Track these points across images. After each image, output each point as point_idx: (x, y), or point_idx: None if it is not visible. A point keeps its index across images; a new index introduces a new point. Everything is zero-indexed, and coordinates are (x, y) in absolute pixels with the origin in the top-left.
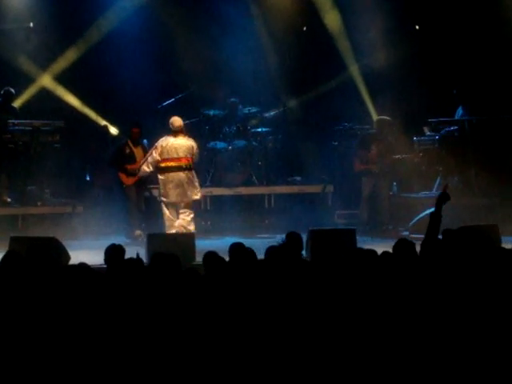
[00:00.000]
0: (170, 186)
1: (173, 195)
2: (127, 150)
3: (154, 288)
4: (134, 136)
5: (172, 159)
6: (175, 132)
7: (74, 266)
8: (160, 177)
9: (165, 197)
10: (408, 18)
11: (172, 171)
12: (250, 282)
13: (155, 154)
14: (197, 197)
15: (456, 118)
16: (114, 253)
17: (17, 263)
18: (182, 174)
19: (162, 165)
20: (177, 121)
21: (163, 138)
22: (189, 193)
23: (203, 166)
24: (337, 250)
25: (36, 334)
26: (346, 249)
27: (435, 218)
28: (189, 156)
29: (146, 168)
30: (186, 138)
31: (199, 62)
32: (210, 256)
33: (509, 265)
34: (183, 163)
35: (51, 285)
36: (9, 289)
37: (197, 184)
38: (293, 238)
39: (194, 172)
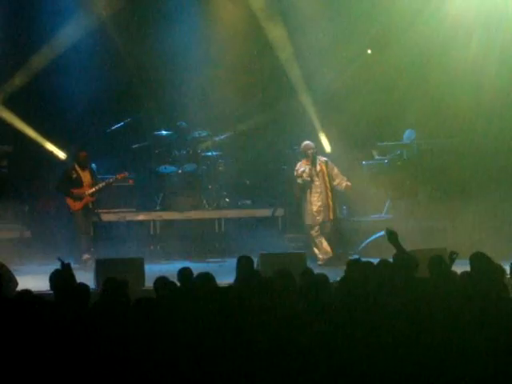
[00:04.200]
0: None
1: None
2: (74, 175)
3: (102, 315)
4: (82, 160)
5: None
6: None
7: (18, 294)
8: None
9: None
10: (359, 42)
11: None
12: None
13: None
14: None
15: (404, 140)
16: (59, 278)
17: None
18: None
19: None
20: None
21: None
22: None
23: (152, 190)
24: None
25: None
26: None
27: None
28: None
29: None
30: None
31: (149, 85)
32: (161, 281)
33: (456, 286)
34: None
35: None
36: None
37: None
38: (244, 262)
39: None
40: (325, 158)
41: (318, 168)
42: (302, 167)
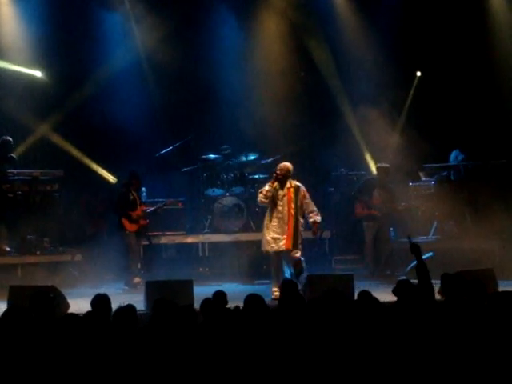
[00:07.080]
0: None
1: None
2: (131, 197)
3: (153, 336)
4: (137, 186)
5: None
6: None
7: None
8: None
9: None
10: (407, 64)
11: None
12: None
13: None
14: None
15: (451, 161)
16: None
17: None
18: None
19: None
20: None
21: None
22: None
23: (201, 213)
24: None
25: None
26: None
27: (420, 268)
28: None
29: None
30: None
31: (197, 109)
32: (208, 303)
33: (504, 307)
34: None
35: (52, 335)
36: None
37: None
38: (287, 286)
39: None
40: (297, 183)
41: (284, 192)
42: (266, 186)
